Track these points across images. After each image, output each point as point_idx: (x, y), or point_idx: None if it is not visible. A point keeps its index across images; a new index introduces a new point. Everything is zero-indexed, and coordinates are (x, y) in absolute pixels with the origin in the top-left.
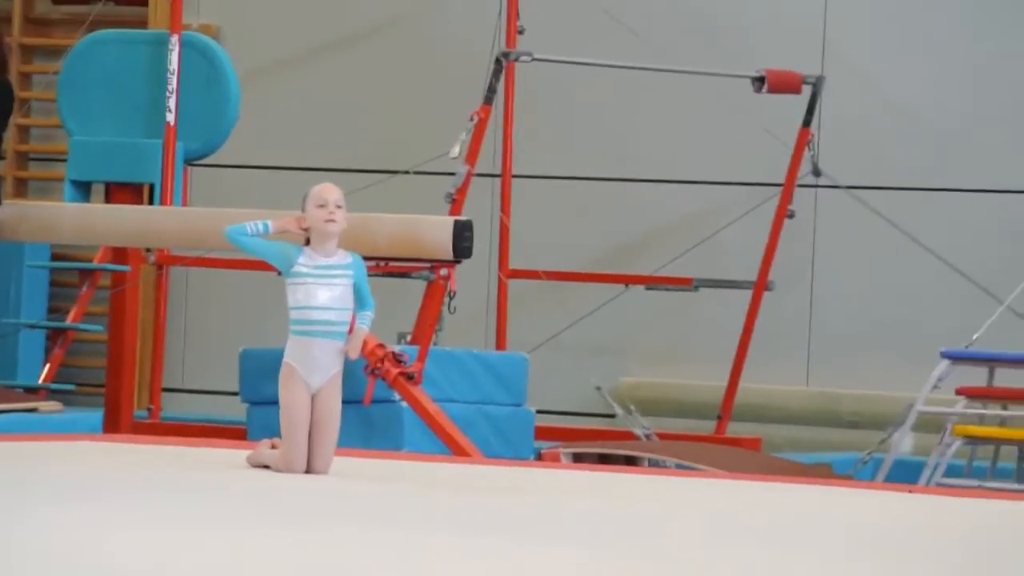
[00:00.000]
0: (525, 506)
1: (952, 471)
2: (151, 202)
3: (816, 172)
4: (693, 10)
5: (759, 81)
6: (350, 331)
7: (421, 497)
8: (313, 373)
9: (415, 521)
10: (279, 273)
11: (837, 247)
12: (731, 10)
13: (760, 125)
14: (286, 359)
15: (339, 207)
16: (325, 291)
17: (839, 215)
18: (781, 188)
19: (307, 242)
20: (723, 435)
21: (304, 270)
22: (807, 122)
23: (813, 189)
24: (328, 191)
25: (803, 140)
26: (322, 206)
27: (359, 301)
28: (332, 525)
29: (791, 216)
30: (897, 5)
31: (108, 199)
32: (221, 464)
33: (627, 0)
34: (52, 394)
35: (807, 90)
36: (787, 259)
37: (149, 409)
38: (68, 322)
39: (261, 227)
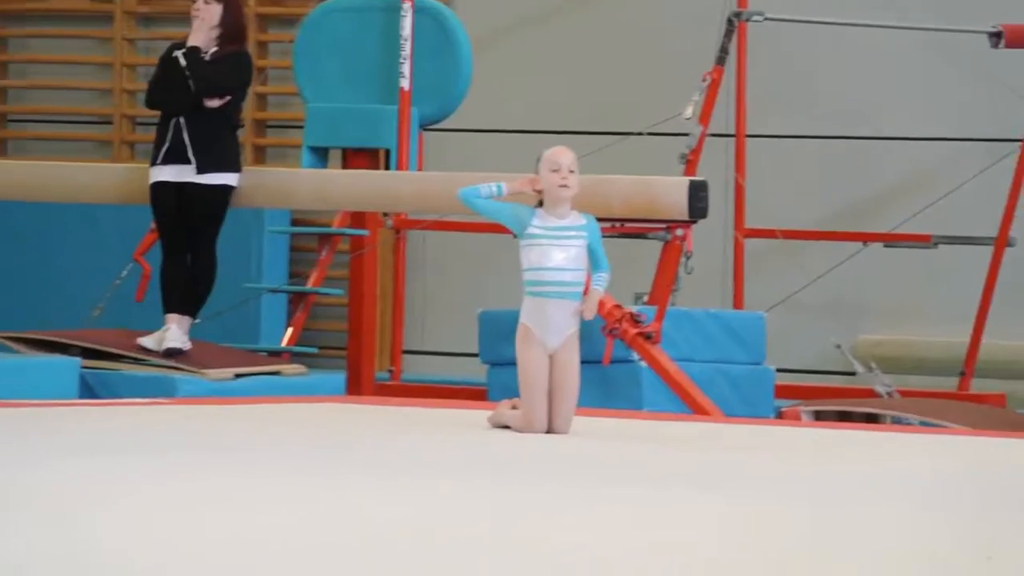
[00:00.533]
0: (764, 464)
1: None
2: (387, 167)
3: None
4: None
5: (996, 36)
6: (585, 292)
7: (660, 456)
8: (549, 333)
9: (652, 479)
10: (514, 235)
11: None
12: None
13: (998, 79)
14: (522, 320)
15: (572, 171)
16: (560, 252)
17: None
18: (1021, 143)
19: (540, 204)
20: (967, 392)
21: (538, 231)
22: None
23: None
24: (561, 155)
25: None
26: (555, 171)
27: (594, 262)
28: (571, 483)
29: None
30: None
31: (345, 165)
32: (462, 424)
33: None
34: (295, 357)
35: None
36: None
37: (390, 371)
38: (309, 286)
39: (495, 189)
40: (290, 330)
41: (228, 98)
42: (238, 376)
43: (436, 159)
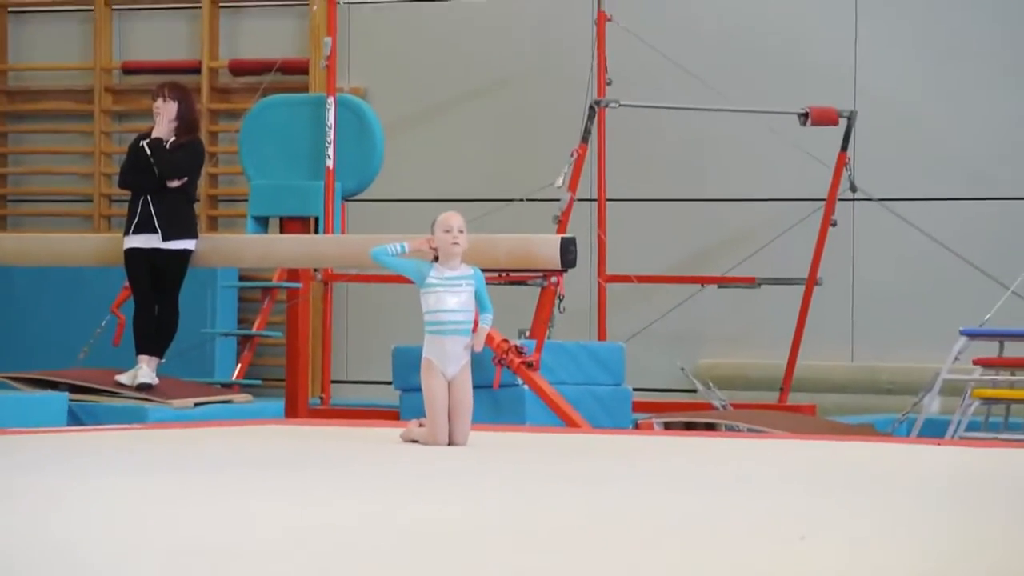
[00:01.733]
0: (627, 465)
1: (972, 427)
2: (316, 231)
3: (853, 188)
4: (747, 57)
5: (804, 116)
6: (474, 329)
7: (542, 461)
8: (448, 364)
9: (539, 479)
10: (415, 285)
11: (873, 249)
12: (778, 56)
13: (805, 151)
14: (425, 354)
15: (461, 232)
16: (453, 297)
17: (873, 223)
18: (824, 202)
19: (436, 259)
20: (785, 403)
21: (435, 281)
22: (844, 147)
23: (851, 202)
24: (452, 218)
25: (841, 163)
26: (448, 231)
27: (481, 305)
28: (474, 485)
29: (834, 224)
30: (917, 43)
31: (282, 230)
32: (379, 440)
33: (694, 52)
34: (243, 388)
35: (843, 122)
36: (832, 260)
37: (321, 397)
38: (254, 330)
39: (399, 248)
40: (239, 366)
41: (186, 179)
42: (197, 404)
43: (356, 224)
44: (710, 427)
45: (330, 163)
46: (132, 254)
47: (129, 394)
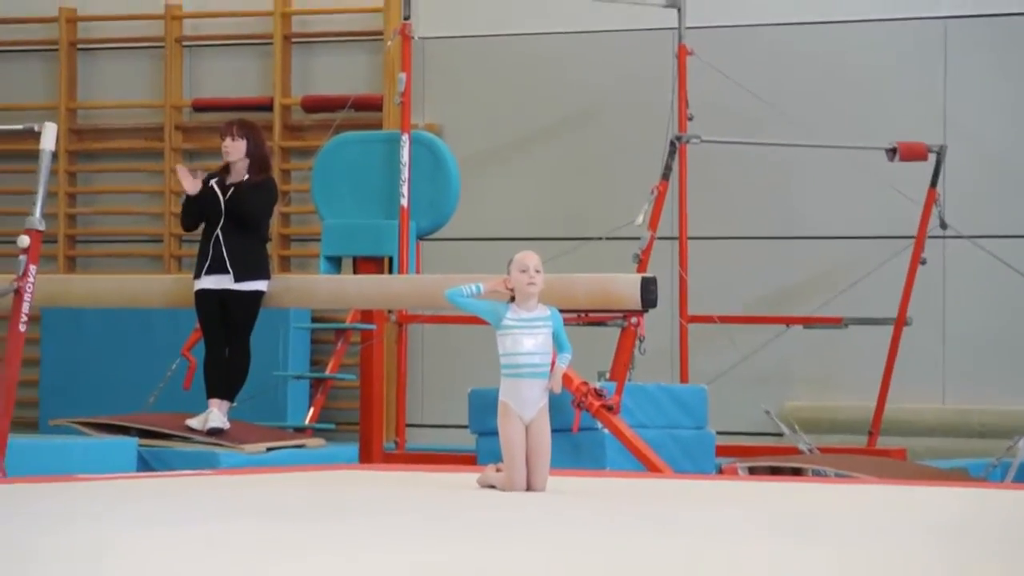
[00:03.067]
0: (711, 511)
1: None
2: (391, 271)
3: (943, 225)
4: (833, 92)
5: (891, 151)
6: (552, 369)
7: (623, 507)
8: (525, 407)
9: (620, 526)
10: (492, 326)
11: (964, 288)
12: (865, 90)
13: (893, 187)
14: (501, 397)
15: (538, 271)
16: (530, 339)
17: (964, 261)
18: (914, 239)
19: (512, 300)
20: (874, 447)
21: (511, 323)
22: (933, 183)
23: (941, 240)
24: (529, 258)
25: (931, 199)
26: (524, 271)
27: (559, 346)
28: (553, 532)
29: (923, 263)
30: (1008, 74)
31: (355, 270)
32: (455, 486)
33: (778, 87)
34: (316, 432)
35: (932, 157)
36: (922, 299)
37: (396, 442)
38: (327, 373)
39: (474, 289)
40: (312, 410)
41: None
42: (269, 449)
43: (431, 264)
44: (796, 472)
45: (404, 201)
46: (203, 295)
47: (200, 439)
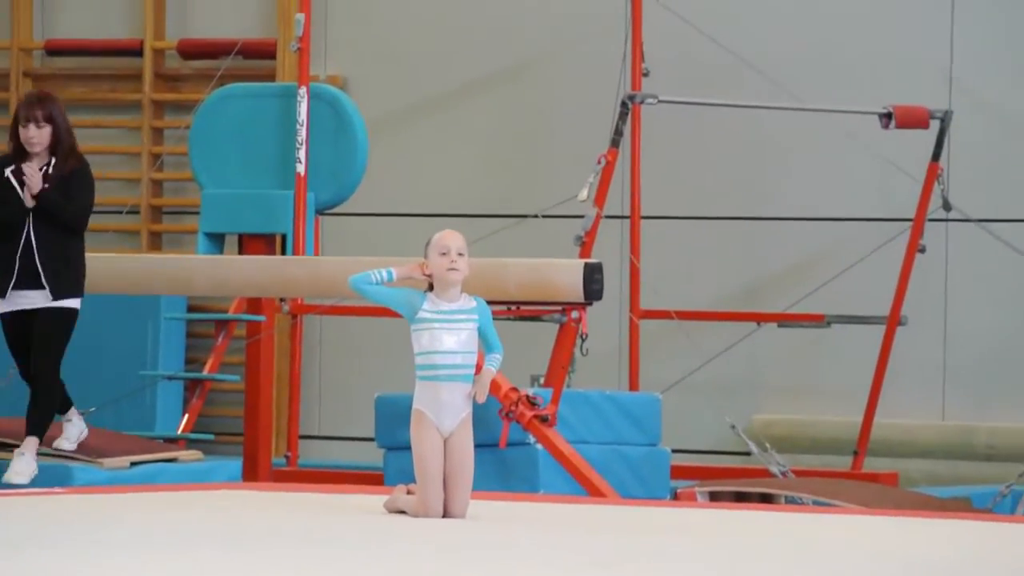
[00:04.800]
0: (661, 545)
1: None
2: (283, 252)
3: (947, 206)
4: (817, 47)
5: (886, 117)
6: (477, 374)
7: (558, 539)
8: (443, 417)
9: (553, 562)
10: (406, 319)
11: (969, 280)
12: (856, 46)
13: (889, 160)
14: (415, 405)
15: (461, 255)
16: (450, 336)
17: (971, 249)
18: (911, 223)
19: (430, 288)
20: (860, 471)
21: (428, 316)
22: (936, 156)
23: (944, 223)
24: (450, 238)
25: (932, 175)
26: (444, 254)
27: (486, 345)
28: (472, 569)
29: (922, 251)
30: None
31: (241, 250)
32: (359, 510)
33: (752, 39)
34: (191, 444)
35: (934, 125)
36: (919, 294)
37: (287, 457)
38: (205, 373)
39: (385, 275)
40: (186, 416)
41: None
42: (134, 464)
43: (333, 244)
44: (766, 499)
45: (301, 168)
46: (13, 319)
47: (50, 450)
